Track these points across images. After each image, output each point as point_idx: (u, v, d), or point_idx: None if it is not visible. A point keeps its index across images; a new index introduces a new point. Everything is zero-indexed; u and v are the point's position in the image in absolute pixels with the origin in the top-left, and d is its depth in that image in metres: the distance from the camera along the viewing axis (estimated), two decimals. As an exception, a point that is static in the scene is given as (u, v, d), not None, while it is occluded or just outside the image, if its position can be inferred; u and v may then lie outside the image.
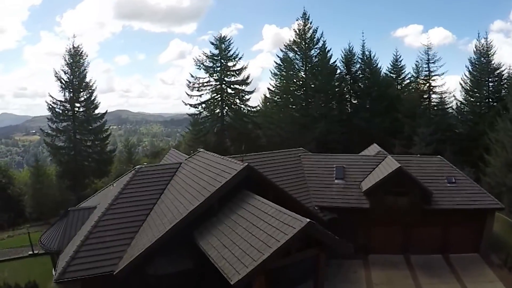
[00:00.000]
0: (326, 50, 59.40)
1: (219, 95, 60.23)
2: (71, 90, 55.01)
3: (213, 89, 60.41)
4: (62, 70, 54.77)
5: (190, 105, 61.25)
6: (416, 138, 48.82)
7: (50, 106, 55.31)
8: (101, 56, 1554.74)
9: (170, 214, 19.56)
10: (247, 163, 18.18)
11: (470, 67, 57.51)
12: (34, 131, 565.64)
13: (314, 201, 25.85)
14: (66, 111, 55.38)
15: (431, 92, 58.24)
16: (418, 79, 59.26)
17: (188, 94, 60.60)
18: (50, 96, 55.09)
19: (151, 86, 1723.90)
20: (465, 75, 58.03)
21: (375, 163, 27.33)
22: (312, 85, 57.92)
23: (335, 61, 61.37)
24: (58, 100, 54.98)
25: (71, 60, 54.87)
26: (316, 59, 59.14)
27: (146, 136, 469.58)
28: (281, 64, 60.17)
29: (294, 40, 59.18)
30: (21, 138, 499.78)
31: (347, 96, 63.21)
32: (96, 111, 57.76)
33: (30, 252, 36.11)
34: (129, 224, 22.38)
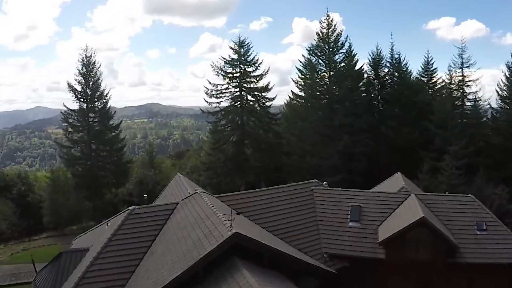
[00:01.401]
0: (353, 53, 55.95)
1: (238, 102, 57.81)
2: (85, 100, 53.73)
3: (232, 96, 58.12)
4: (76, 80, 53.61)
5: (209, 112, 59.21)
6: (447, 157, 45.08)
7: (65, 117, 54.33)
8: (132, 50, 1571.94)
9: (154, 275, 17.49)
10: (235, 231, 15.74)
11: (507, 73, 53.10)
12: (65, 125, 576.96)
13: (324, 247, 23.11)
14: (81, 122, 54.22)
15: (464, 100, 54.41)
16: (451, 85, 55.20)
17: (206, 101, 58.58)
18: (65, 106, 54.12)
19: (182, 79, 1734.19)
20: (502, 81, 53.70)
21: (396, 203, 24.06)
22: (336, 93, 54.32)
23: (362, 65, 57.93)
24: (73, 111, 53.89)
25: (84, 70, 53.51)
26: (341, 65, 55.46)
27: (177, 129, 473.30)
28: (304, 69, 56.93)
29: (318, 44, 55.61)
30: (54, 130, 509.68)
31: (374, 102, 59.52)
32: (111, 121, 56.58)
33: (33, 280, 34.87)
34: (117, 276, 20.39)
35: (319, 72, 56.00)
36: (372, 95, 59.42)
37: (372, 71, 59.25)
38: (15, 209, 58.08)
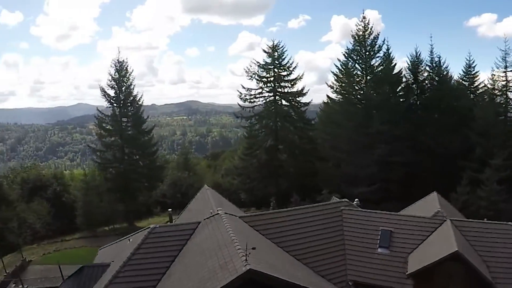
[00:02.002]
0: (391, 56, 54.06)
1: (272, 107, 56.82)
2: (117, 105, 53.90)
3: (266, 100, 57.17)
4: (109, 85, 53.77)
5: (243, 117, 58.51)
6: (488, 169, 42.71)
7: (99, 122, 54.73)
8: (172, 49, 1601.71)
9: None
10: (249, 267, 14.82)
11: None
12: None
13: (350, 274, 21.82)
14: (114, 126, 54.43)
15: (509, 106, 51.43)
16: (494, 90, 52.20)
17: (240, 106, 57.90)
18: (98, 110, 54.39)
19: (221, 77, 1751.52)
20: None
21: (429, 229, 22.24)
22: (373, 99, 52.40)
23: (401, 69, 55.80)
24: (106, 115, 54.17)
25: (117, 75, 53.61)
26: (379, 69, 53.58)
27: (216, 126, 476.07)
28: (340, 73, 55.24)
29: (354, 48, 53.94)
30: (95, 127, 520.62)
31: (413, 108, 57.13)
32: (144, 126, 56.64)
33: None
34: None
35: (356, 77, 54.29)
36: (411, 100, 57.06)
37: (411, 75, 56.85)
38: (50, 209, 59.14)
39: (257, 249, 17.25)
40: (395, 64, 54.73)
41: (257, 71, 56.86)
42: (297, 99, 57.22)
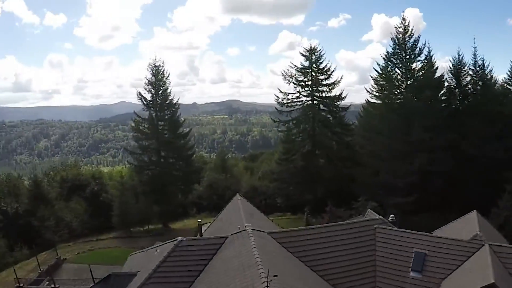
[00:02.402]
0: (432, 59, 51.80)
1: (310, 112, 55.95)
2: (154, 109, 54.21)
3: (304, 105, 56.34)
4: (145, 89, 54.17)
5: (280, 121, 57.95)
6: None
7: (136, 125, 55.24)
8: (213, 49, 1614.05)
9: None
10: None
11: None
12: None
13: (379, 298, 20.86)
14: (150, 130, 54.77)
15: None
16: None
17: (278, 110, 57.36)
18: (135, 114, 54.87)
19: (261, 77, 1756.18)
20: None
21: (466, 254, 20.92)
22: (414, 105, 49.86)
23: (442, 74, 53.45)
24: (143, 119, 54.61)
25: (154, 79, 53.90)
26: (419, 73, 51.50)
27: (256, 126, 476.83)
28: (379, 77, 53.42)
29: (394, 51, 52.00)
30: (133, 130, 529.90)
31: (455, 115, 54.48)
32: (180, 129, 56.86)
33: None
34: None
35: (395, 82, 52.36)
36: (453, 106, 54.49)
37: (453, 79, 54.32)
38: (87, 208, 60.80)
39: (282, 270, 16.67)
40: (437, 67, 52.60)
41: (295, 74, 56.07)
42: (335, 103, 56.13)
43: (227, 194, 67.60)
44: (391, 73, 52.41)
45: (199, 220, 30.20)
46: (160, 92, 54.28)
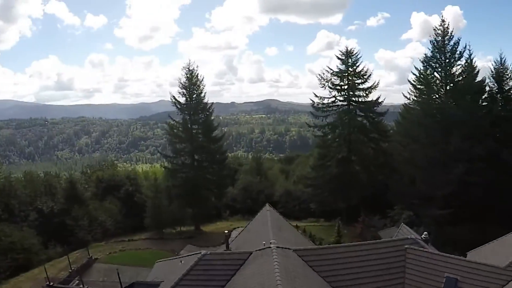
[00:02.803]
0: (473, 63, 49.29)
1: (346, 117, 54.68)
2: (188, 113, 54.11)
3: (340, 110, 55.11)
4: (180, 92, 54.11)
5: (315, 126, 56.90)
6: None
7: (170, 128, 55.41)
8: (251, 48, 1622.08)
9: None
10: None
11: None
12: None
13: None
14: (184, 133, 54.69)
15: None
16: None
17: (313, 115, 56.38)
18: (170, 117, 54.94)
19: (300, 76, 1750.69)
20: None
21: (501, 282, 19.46)
22: (453, 111, 46.97)
23: (484, 78, 50.85)
24: (177, 122, 54.67)
25: (188, 83, 53.75)
26: (459, 78, 49.00)
27: (294, 125, 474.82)
28: (417, 82, 51.58)
29: (433, 54, 49.72)
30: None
31: (496, 121, 51.48)
32: (215, 133, 56.77)
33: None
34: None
35: (434, 86, 50.11)
36: (495, 112, 51.02)
37: (495, 84, 51.44)
38: (121, 208, 61.39)
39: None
40: (478, 71, 50.00)
41: (331, 78, 54.89)
42: (372, 108, 54.65)
43: (260, 198, 67.31)
44: (429, 77, 50.18)
45: (225, 232, 29.44)
46: (194, 95, 54.03)
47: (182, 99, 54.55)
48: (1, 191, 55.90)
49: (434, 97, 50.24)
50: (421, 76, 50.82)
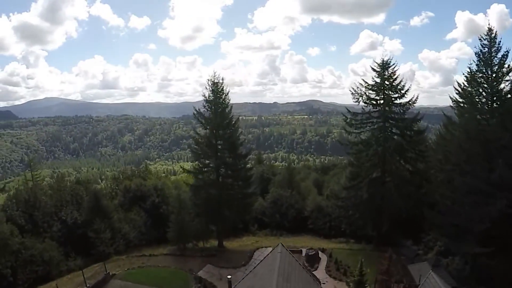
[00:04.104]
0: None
1: (380, 135, 51.02)
2: (212, 128, 51.93)
3: (374, 127, 51.53)
4: (204, 106, 51.93)
5: (348, 143, 53.55)
6: None
7: (195, 142, 53.67)
8: (293, 48, 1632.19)
9: None
10: None
11: None
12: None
13: None
14: (209, 149, 52.54)
15: None
16: None
17: (346, 131, 53.15)
18: (194, 131, 53.10)
19: (342, 77, 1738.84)
20: None
21: None
22: (499, 135, 40.50)
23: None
24: (201, 136, 52.64)
25: (213, 97, 51.48)
26: (508, 96, 42.33)
27: (336, 127, 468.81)
28: (460, 98, 46.29)
29: (478, 68, 42.93)
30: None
31: None
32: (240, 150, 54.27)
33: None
34: None
35: (479, 105, 43.67)
36: None
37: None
38: (146, 219, 60.89)
39: None
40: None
41: (365, 92, 51.33)
42: (410, 126, 50.76)
43: (290, 213, 64.88)
44: (473, 94, 43.98)
45: (228, 276, 26.94)
46: (219, 110, 51.60)
47: (206, 113, 52.25)
48: (26, 201, 55.55)
49: (478, 117, 43.80)
50: (464, 92, 45.56)
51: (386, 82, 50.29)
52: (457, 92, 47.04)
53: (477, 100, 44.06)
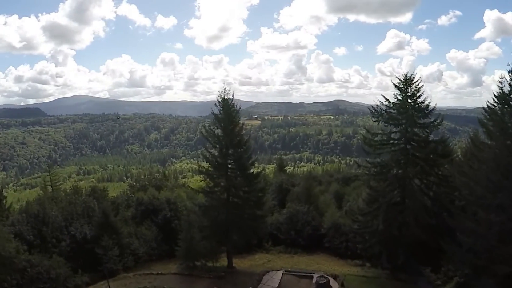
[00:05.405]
0: None
1: (401, 158, 47.89)
2: (222, 147, 49.92)
3: (395, 149, 48.45)
4: (214, 123, 50.09)
5: (368, 163, 50.63)
6: None
7: (205, 158, 51.69)
8: (319, 48, 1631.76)
9: None
10: None
11: None
12: (256, 116, 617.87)
13: None
14: (218, 169, 50.51)
15: None
16: None
17: (365, 151, 50.33)
18: (205, 149, 51.15)
19: (369, 77, 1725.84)
20: None
21: None
22: None
23: None
24: (212, 155, 50.64)
25: (222, 115, 49.39)
26: None
27: (362, 128, 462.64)
28: (488, 122, 41.75)
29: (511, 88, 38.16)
30: (244, 121, 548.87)
31: None
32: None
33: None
34: None
35: (509, 130, 38.87)
36: None
37: None
38: (157, 234, 59.55)
39: None
40: None
41: (385, 111, 48.38)
42: (435, 149, 47.55)
43: (306, 230, 62.34)
44: (505, 119, 39.26)
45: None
46: (230, 128, 49.36)
47: (217, 131, 50.38)
48: (35, 216, 54.59)
49: (509, 144, 38.75)
50: (493, 116, 41.08)
51: (409, 100, 47.13)
52: (485, 110, 43.22)
53: (509, 125, 39.04)
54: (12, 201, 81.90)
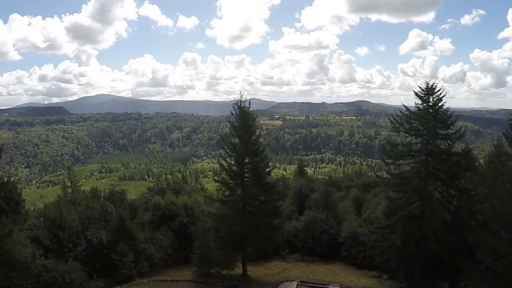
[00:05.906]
0: None
1: (422, 169, 46.39)
2: (234, 155, 49.32)
3: (415, 160, 47.06)
4: (232, 132, 49.39)
5: (388, 174, 49.47)
6: None
7: (222, 169, 51.14)
8: (341, 48, 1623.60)
9: None
10: None
11: None
12: (277, 116, 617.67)
13: None
14: (235, 179, 49.94)
15: None
16: None
17: (384, 162, 49.23)
18: (222, 157, 50.47)
19: (392, 77, 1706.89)
20: None
21: None
22: None
23: None
24: (228, 162, 50.00)
25: (239, 123, 48.74)
26: None
27: (384, 129, 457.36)
28: None
29: None
30: (266, 121, 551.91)
31: None
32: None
33: None
34: None
35: None
36: None
37: None
38: (174, 240, 59.42)
39: None
40: None
41: (406, 121, 47.10)
42: (457, 162, 45.82)
43: (323, 239, 61.48)
44: None
45: None
46: (246, 136, 48.72)
47: (234, 140, 49.69)
48: (52, 221, 54.80)
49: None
50: None
51: (431, 110, 45.72)
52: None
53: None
54: (35, 198, 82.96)
